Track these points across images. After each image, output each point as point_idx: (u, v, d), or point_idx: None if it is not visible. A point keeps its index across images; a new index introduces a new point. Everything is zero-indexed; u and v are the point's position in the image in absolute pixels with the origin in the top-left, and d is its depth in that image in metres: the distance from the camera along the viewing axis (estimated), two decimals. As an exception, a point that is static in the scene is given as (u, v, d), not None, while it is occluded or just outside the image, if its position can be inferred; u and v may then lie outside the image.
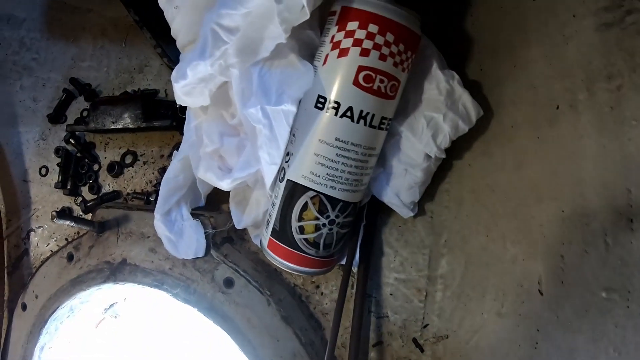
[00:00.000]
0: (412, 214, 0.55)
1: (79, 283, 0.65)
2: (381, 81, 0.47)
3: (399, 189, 0.54)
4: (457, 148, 0.55)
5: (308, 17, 0.45)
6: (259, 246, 0.60)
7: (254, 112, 0.48)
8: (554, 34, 0.49)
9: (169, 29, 0.57)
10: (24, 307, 0.71)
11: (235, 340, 0.58)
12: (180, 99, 0.52)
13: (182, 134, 0.66)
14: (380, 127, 0.49)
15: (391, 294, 0.58)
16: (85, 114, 0.72)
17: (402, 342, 0.57)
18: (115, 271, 0.63)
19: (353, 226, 0.54)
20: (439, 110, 0.51)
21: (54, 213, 0.58)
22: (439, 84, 0.51)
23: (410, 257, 0.57)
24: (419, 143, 0.52)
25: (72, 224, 0.60)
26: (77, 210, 0.71)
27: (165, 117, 0.65)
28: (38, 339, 0.69)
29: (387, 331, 0.58)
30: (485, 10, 0.54)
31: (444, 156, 0.53)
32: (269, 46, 0.47)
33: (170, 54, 0.67)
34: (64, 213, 0.64)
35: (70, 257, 0.68)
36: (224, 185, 0.53)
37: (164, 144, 0.67)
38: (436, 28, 0.54)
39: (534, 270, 0.52)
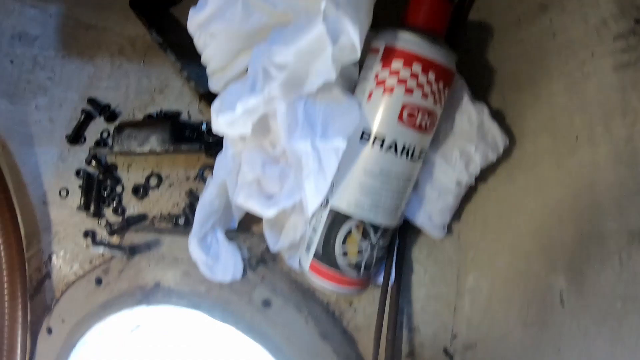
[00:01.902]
0: (442, 235, 0.59)
1: (109, 307, 0.66)
2: (422, 117, 0.50)
3: (432, 213, 0.58)
4: (483, 173, 0.58)
5: (358, 58, 0.48)
6: (296, 268, 0.63)
7: (303, 145, 0.50)
8: (574, 71, 0.54)
9: (191, 50, 0.58)
10: (50, 331, 0.71)
11: (275, 358, 0.60)
12: (221, 129, 0.54)
13: (207, 156, 0.67)
14: (419, 158, 0.53)
15: (422, 308, 0.61)
16: (105, 134, 0.72)
17: (433, 352, 0.61)
18: (149, 294, 0.64)
19: (388, 249, 0.57)
20: (471, 141, 0.54)
21: (89, 241, 0.58)
22: (470, 116, 0.54)
23: (439, 274, 0.61)
24: (453, 171, 0.56)
25: (107, 250, 0.61)
26: (101, 233, 0.71)
27: (192, 140, 0.66)
28: (66, 362, 0.70)
29: (418, 342, 0.62)
30: (507, 43, 0.58)
31: (473, 183, 0.57)
32: (316, 82, 0.49)
33: (191, 75, 0.67)
34: (96, 240, 0.64)
35: (99, 281, 0.68)
36: (269, 213, 0.55)
37: (189, 166, 0.68)
38: (461, 59, 0.57)
39: (556, 283, 0.56)
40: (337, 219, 0.53)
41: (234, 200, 0.59)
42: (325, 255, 0.54)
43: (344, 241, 0.54)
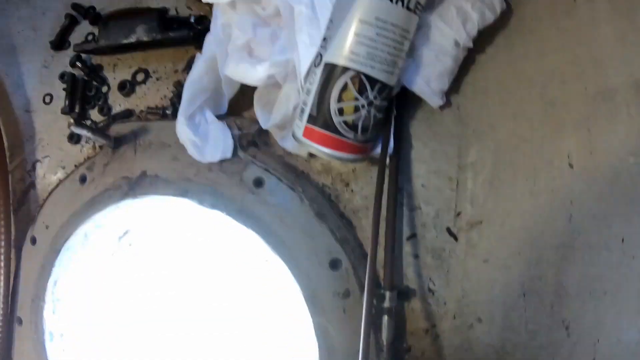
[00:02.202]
0: (441, 103, 0.56)
1: (94, 204, 0.63)
2: (417, -37, 0.48)
3: (429, 77, 0.55)
4: (481, 43, 0.56)
5: None
6: (289, 149, 0.60)
7: (296, -8, 0.48)
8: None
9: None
10: (34, 240, 0.68)
11: (267, 242, 0.57)
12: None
13: (196, 48, 0.65)
14: (415, 10, 0.50)
15: (423, 185, 0.58)
16: (90, 37, 0.70)
17: (436, 233, 0.58)
18: (134, 185, 0.61)
19: (386, 115, 0.55)
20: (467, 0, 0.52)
21: (71, 121, 0.56)
22: (467, -25, 0.52)
23: (439, 148, 0.58)
24: (450, 30, 0.54)
25: (89, 134, 0.58)
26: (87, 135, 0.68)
27: (181, 29, 0.63)
28: (50, 272, 0.66)
29: (420, 223, 0.58)
30: None
31: (471, 45, 0.55)
32: None
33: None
34: (81, 122, 0.61)
35: (83, 179, 0.65)
36: (259, 72, 0.53)
37: (178, 59, 0.66)
38: None
39: (563, 146, 0.53)
40: (331, 73, 0.50)
41: (224, 72, 0.56)
42: (320, 115, 0.51)
43: (340, 98, 0.51)
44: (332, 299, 0.57)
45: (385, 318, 0.57)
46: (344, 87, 0.50)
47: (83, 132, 0.57)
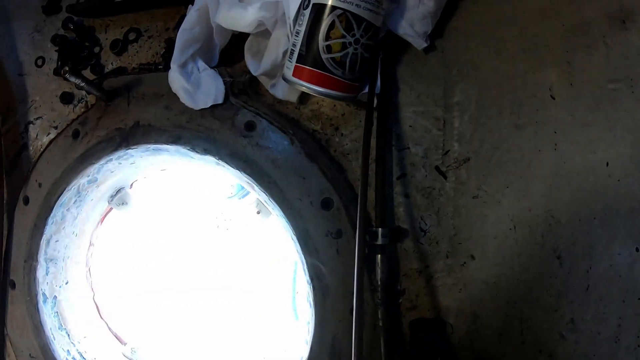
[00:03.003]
0: (425, 45, 0.57)
1: (87, 157, 0.63)
2: None
3: (413, 20, 0.57)
4: (462, -11, 0.58)
5: None
6: (279, 96, 0.61)
7: None
8: None
9: None
10: (26, 200, 0.68)
11: (261, 185, 0.58)
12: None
13: (186, 6, 0.66)
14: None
15: (410, 126, 0.60)
16: (82, 0, 0.71)
17: (425, 172, 0.59)
18: (127, 136, 0.62)
19: (372, 55, 0.56)
20: None
21: (66, 68, 0.56)
22: None
23: (425, 90, 0.59)
24: (432, -29, 0.55)
25: (83, 83, 0.59)
26: (79, 95, 0.69)
27: (171, -14, 0.65)
28: (44, 230, 0.66)
29: (409, 163, 0.59)
30: None
31: (453, -12, 0.56)
32: None
33: None
34: (76, 71, 0.62)
35: (76, 134, 0.65)
36: (250, 14, 0.54)
37: (169, 18, 0.68)
38: None
39: (545, 79, 0.55)
40: (320, 13, 0.52)
41: (215, 20, 0.57)
42: (309, 54, 0.53)
43: (327, 36, 0.52)
44: (324, 239, 0.58)
45: (379, 257, 0.58)
46: (332, 25, 0.52)
47: (78, 81, 0.58)
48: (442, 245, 0.59)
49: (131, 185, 0.71)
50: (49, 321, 0.68)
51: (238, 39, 0.62)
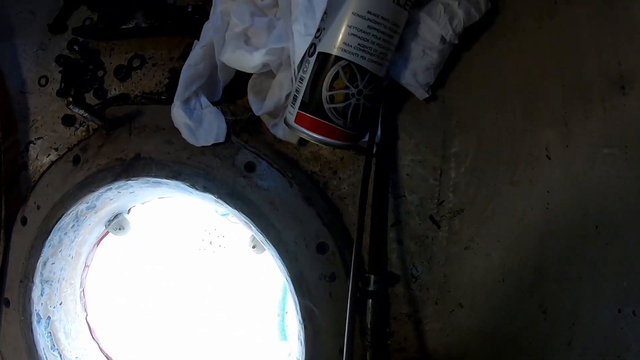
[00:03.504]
0: (427, 95, 0.58)
1: (87, 185, 0.64)
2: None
3: (416, 71, 0.58)
4: (466, 41, 0.59)
5: None
6: (280, 136, 0.61)
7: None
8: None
9: None
10: (24, 221, 0.68)
11: (258, 226, 0.59)
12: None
13: (193, 36, 0.66)
14: (405, 6, 0.53)
15: (407, 175, 0.60)
16: (88, 22, 0.71)
17: (420, 220, 0.60)
18: (128, 167, 0.62)
19: (374, 105, 0.57)
20: (454, -1, 0.55)
21: (70, 99, 0.56)
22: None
23: (424, 139, 0.60)
24: (437, 26, 0.56)
25: (87, 114, 0.59)
26: (81, 119, 0.69)
27: (178, 17, 0.65)
28: (41, 253, 0.66)
29: (404, 210, 0.60)
30: None
31: (456, 41, 0.57)
32: None
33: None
34: (80, 101, 0.62)
35: (76, 160, 0.66)
36: (255, 58, 0.54)
37: (174, 47, 0.68)
38: None
39: (542, 138, 0.56)
40: (324, 62, 0.53)
41: (220, 58, 0.58)
42: (312, 102, 0.54)
43: (331, 86, 0.53)
44: (318, 282, 0.59)
45: (370, 301, 0.59)
46: (336, 76, 0.53)
47: (81, 112, 0.58)
48: (432, 291, 0.60)
49: (129, 210, 0.72)
50: (42, 341, 0.69)
51: (242, 75, 0.62)
